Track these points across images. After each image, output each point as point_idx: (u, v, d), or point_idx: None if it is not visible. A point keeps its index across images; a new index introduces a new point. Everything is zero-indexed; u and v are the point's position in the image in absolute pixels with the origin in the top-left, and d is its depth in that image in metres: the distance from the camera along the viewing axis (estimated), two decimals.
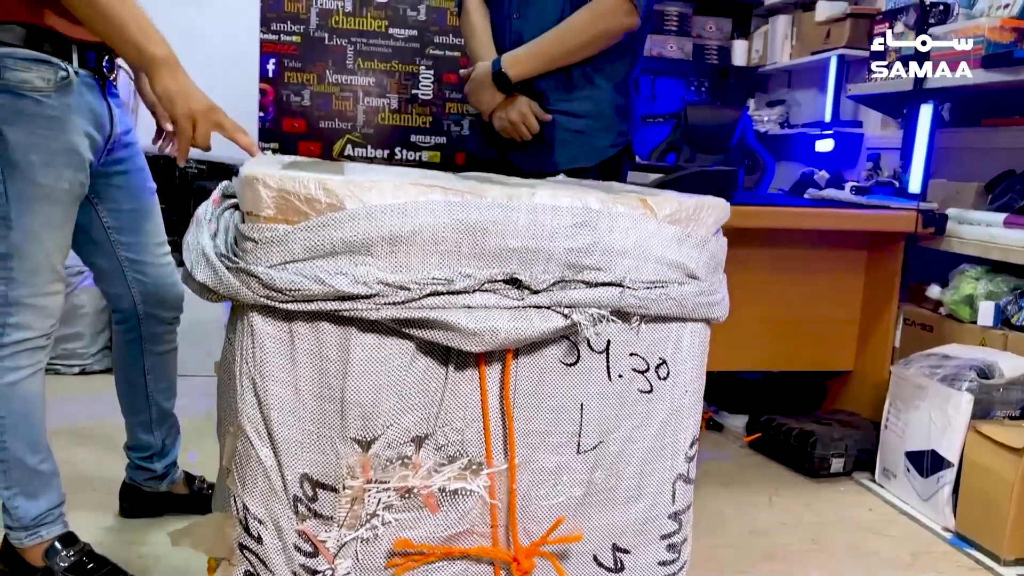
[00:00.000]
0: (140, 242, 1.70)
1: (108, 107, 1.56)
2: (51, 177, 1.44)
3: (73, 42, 1.46)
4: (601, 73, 1.95)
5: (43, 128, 1.42)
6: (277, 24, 3.80)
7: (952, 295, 2.50)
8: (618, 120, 1.98)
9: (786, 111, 3.95)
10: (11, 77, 1.39)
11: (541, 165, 1.98)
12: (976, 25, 2.47)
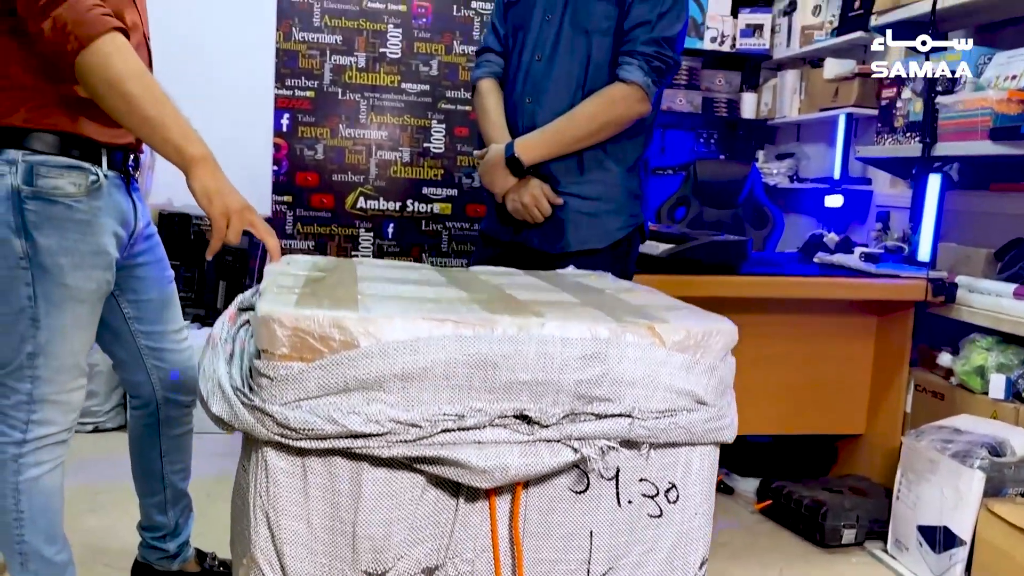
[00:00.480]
0: (159, 331, 1.73)
1: (133, 203, 1.59)
2: (80, 278, 1.47)
3: (103, 145, 1.49)
4: (612, 157, 1.98)
5: (73, 232, 1.45)
6: (291, 80, 3.86)
7: (963, 365, 2.50)
8: (629, 202, 2.00)
9: (795, 164, 3.97)
10: (43, 184, 1.42)
11: (553, 246, 2.00)
12: (983, 97, 2.49)
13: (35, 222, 1.42)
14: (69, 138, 1.44)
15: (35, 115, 1.41)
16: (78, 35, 1.32)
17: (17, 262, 1.43)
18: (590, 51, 1.95)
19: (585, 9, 1.94)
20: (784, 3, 3.95)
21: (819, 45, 3.68)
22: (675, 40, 1.93)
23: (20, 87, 1.40)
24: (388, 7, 3.92)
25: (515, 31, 2.06)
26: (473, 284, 1.31)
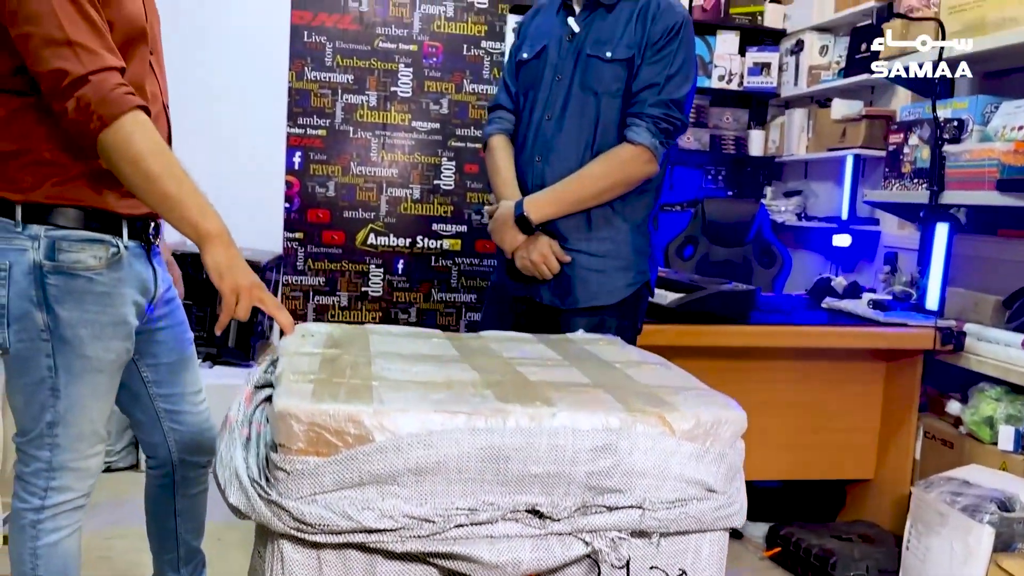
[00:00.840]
0: (177, 393, 1.74)
1: (153, 270, 1.62)
2: (100, 349, 1.49)
3: (123, 217, 1.52)
4: (620, 215, 2.00)
5: (94, 304, 1.47)
6: (303, 118, 3.92)
7: (972, 415, 2.50)
8: (637, 259, 2.02)
9: (803, 202, 3.98)
10: (65, 259, 1.44)
11: (562, 301, 2.02)
12: (990, 148, 2.51)
13: (56, 296, 1.44)
14: (91, 212, 1.47)
15: (58, 190, 1.44)
16: (101, 114, 1.35)
17: (38, 334, 1.45)
18: (599, 111, 1.97)
19: (595, 71, 1.97)
20: (791, 43, 3.98)
21: (826, 85, 3.71)
22: (683, 102, 1.96)
23: (44, 162, 1.43)
24: (399, 47, 3.97)
25: (526, 90, 2.09)
26: (484, 360, 1.33)
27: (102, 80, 1.35)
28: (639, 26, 1.96)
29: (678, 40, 1.94)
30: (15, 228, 1.43)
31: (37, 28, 1.33)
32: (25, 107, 1.42)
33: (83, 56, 1.34)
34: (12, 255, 1.43)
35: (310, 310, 4.02)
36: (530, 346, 1.50)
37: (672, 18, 1.95)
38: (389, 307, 4.08)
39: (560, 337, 1.63)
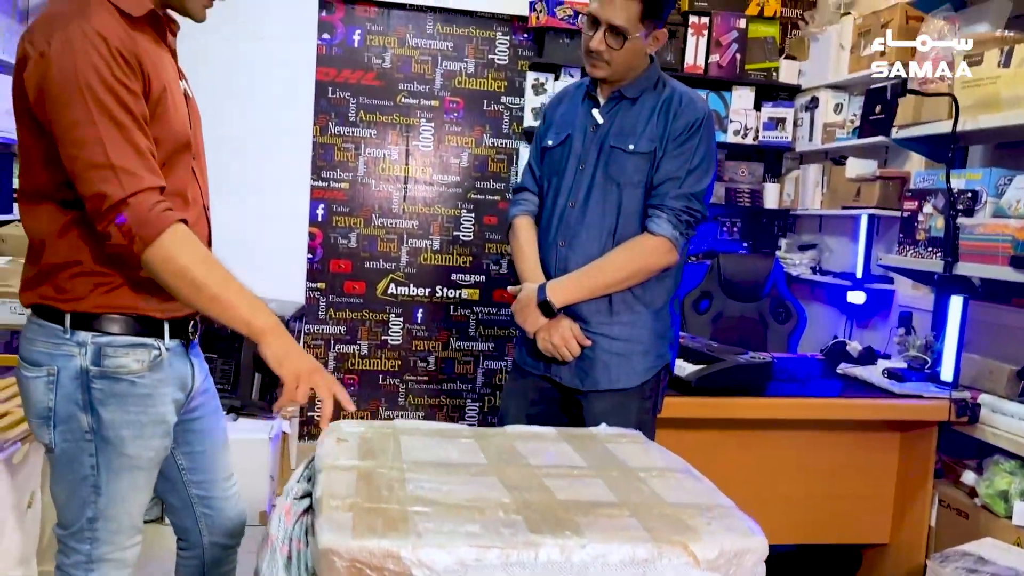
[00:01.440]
0: (210, 480, 1.80)
1: (191, 365, 1.68)
2: (140, 447, 1.55)
3: (165, 320, 1.58)
4: (641, 300, 2.05)
5: (135, 406, 1.53)
6: (327, 172, 4.00)
7: (986, 487, 2.53)
8: (657, 343, 2.08)
9: (818, 256, 4.03)
10: (110, 364, 1.50)
11: (582, 383, 2.08)
12: (1004, 224, 2.55)
13: (101, 399, 1.50)
14: (135, 318, 1.53)
15: (104, 299, 1.50)
16: (142, 235, 1.40)
17: (82, 435, 1.51)
18: (621, 201, 2.03)
19: (617, 162, 2.03)
20: (806, 99, 4.05)
21: (841, 144, 3.77)
22: (703, 194, 2.02)
23: (91, 272, 1.50)
24: (421, 103, 4.06)
25: (550, 175, 2.16)
26: (512, 471, 1.38)
27: (141, 202, 1.40)
28: (661, 120, 2.02)
29: (699, 135, 2.00)
30: (64, 335, 1.49)
31: (82, 152, 1.39)
32: (75, 221, 1.48)
33: (124, 179, 1.40)
34: (60, 360, 1.49)
35: (331, 358, 4.08)
36: (554, 447, 1.55)
37: (694, 114, 2.01)
38: (408, 355, 4.14)
39: (583, 433, 1.68)
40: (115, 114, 1.40)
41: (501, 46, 4.08)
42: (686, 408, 2.43)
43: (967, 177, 2.86)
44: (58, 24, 1.40)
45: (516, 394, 2.23)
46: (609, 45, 1.97)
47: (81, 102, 1.38)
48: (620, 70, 2.03)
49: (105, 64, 1.40)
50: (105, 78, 1.40)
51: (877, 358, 2.99)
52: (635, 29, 1.96)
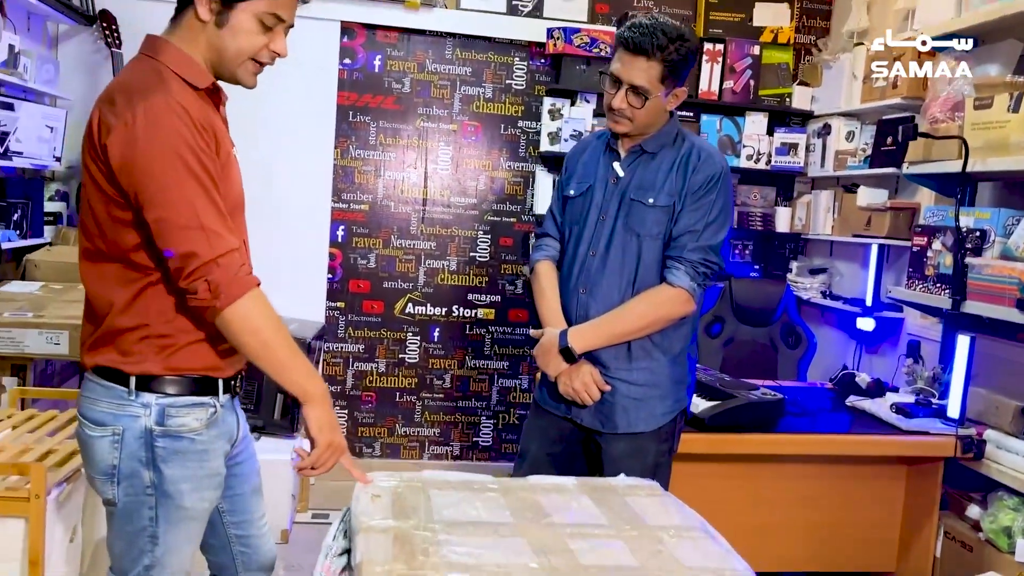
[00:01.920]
0: (247, 520, 1.89)
1: (236, 416, 1.76)
2: (196, 500, 1.64)
3: (220, 379, 1.66)
4: (659, 347, 2.13)
5: (193, 461, 1.62)
6: (347, 194, 4.09)
7: (990, 523, 2.60)
8: (674, 389, 2.16)
9: (828, 280, 4.09)
10: (172, 423, 1.59)
11: (601, 426, 2.16)
12: (1011, 268, 2.61)
13: (163, 456, 1.59)
14: (195, 379, 1.62)
15: (169, 362, 1.58)
16: (228, 294, 1.49)
17: (143, 490, 1.60)
18: (640, 251, 2.11)
19: (638, 215, 2.11)
20: (818, 125, 4.11)
21: (852, 172, 3.83)
22: (720, 246, 2.09)
23: (158, 336, 1.58)
24: (439, 127, 4.14)
25: (572, 224, 2.23)
26: (538, 531, 1.46)
27: (229, 262, 1.49)
28: (680, 174, 2.09)
29: (716, 190, 2.08)
30: (129, 396, 1.57)
31: (172, 213, 1.47)
32: (146, 287, 1.56)
33: (213, 240, 1.49)
34: (125, 421, 1.58)
35: (349, 376, 4.17)
36: (576, 503, 1.64)
37: (712, 169, 2.08)
38: (425, 373, 4.23)
39: (603, 485, 1.76)
40: (201, 178, 1.50)
41: (518, 71, 4.16)
42: (700, 444, 2.51)
43: (976, 216, 2.92)
44: (140, 96, 1.49)
45: (537, 433, 2.31)
46: (630, 104, 2.04)
47: (171, 168, 1.47)
48: (641, 126, 2.10)
49: (189, 132, 1.49)
50: (191, 144, 1.49)
51: (886, 390, 3.06)
52: (656, 89, 2.03)
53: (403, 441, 4.25)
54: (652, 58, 2.00)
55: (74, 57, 3.77)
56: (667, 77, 2.03)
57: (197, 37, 1.61)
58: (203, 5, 1.58)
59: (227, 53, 1.62)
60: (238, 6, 1.60)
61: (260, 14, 1.62)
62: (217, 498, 1.72)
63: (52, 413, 2.38)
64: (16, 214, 3.31)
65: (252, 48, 1.64)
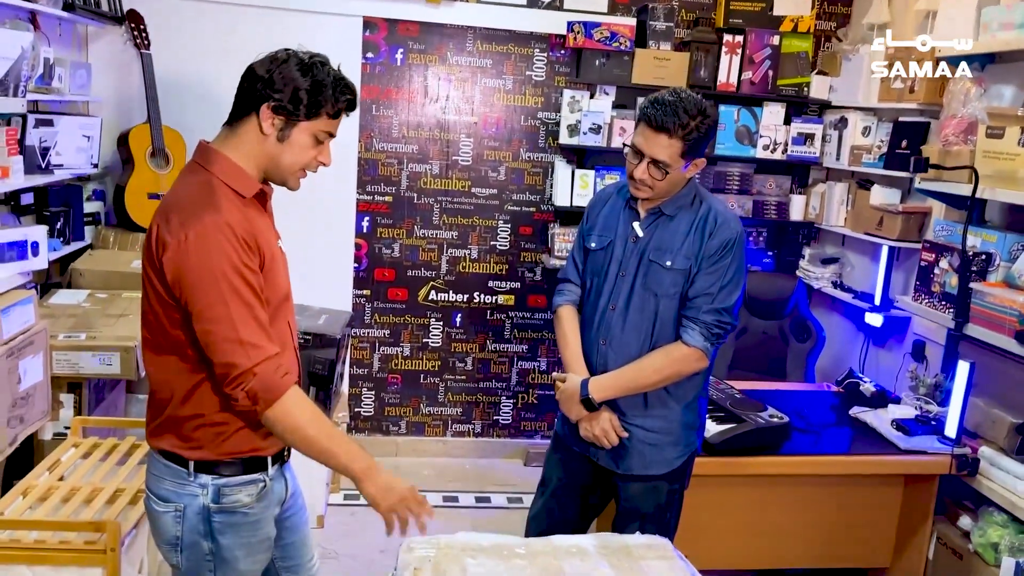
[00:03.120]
0: (298, 563, 2.10)
1: (285, 480, 1.94)
2: (250, 563, 1.85)
3: (269, 456, 1.84)
4: (673, 397, 2.30)
5: (247, 531, 1.82)
6: (371, 186, 4.21)
7: (979, 536, 2.80)
8: (686, 434, 2.33)
9: (839, 270, 4.20)
10: (227, 501, 1.78)
11: (617, 467, 2.34)
12: (1012, 299, 2.73)
13: (219, 529, 1.79)
14: (246, 460, 1.80)
15: (223, 447, 1.76)
16: (265, 399, 1.65)
17: (203, 557, 1.80)
18: (658, 309, 2.25)
19: (656, 276, 2.24)
20: (835, 117, 4.15)
21: (866, 169, 3.90)
22: (733, 307, 2.23)
23: (212, 424, 1.75)
24: (461, 118, 4.22)
25: (593, 274, 2.37)
26: None
27: (264, 370, 1.65)
28: (697, 237, 2.22)
29: (731, 254, 2.20)
30: (188, 477, 1.77)
31: (216, 327, 1.64)
32: (202, 380, 1.73)
33: (251, 352, 1.64)
34: (186, 499, 1.77)
35: (376, 359, 4.37)
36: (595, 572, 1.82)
37: (727, 234, 2.20)
38: (447, 357, 4.42)
39: (619, 548, 1.95)
40: (243, 295, 1.65)
41: (538, 63, 4.20)
42: (712, 467, 2.69)
43: (983, 237, 3.03)
44: (193, 216, 1.65)
45: (558, 464, 2.50)
46: (652, 175, 2.15)
47: (215, 286, 1.63)
48: (661, 194, 2.22)
49: (234, 251, 1.64)
50: (235, 264, 1.64)
51: (888, 401, 3.22)
52: (677, 164, 2.14)
53: (428, 420, 4.47)
54: (674, 136, 2.10)
55: (105, 57, 3.83)
56: (687, 153, 2.13)
57: (255, 148, 1.76)
58: (267, 120, 1.73)
59: (283, 163, 1.77)
60: (300, 125, 1.75)
61: (316, 132, 1.77)
62: (268, 558, 1.92)
63: (113, 442, 2.58)
64: (59, 223, 3.45)
65: (305, 161, 1.80)
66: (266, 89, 1.71)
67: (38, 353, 2.71)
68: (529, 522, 2.56)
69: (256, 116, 1.73)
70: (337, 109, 1.77)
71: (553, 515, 2.50)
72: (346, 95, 1.78)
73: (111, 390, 3.22)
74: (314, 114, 1.74)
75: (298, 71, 1.72)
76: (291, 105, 1.72)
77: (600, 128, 4.11)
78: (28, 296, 2.68)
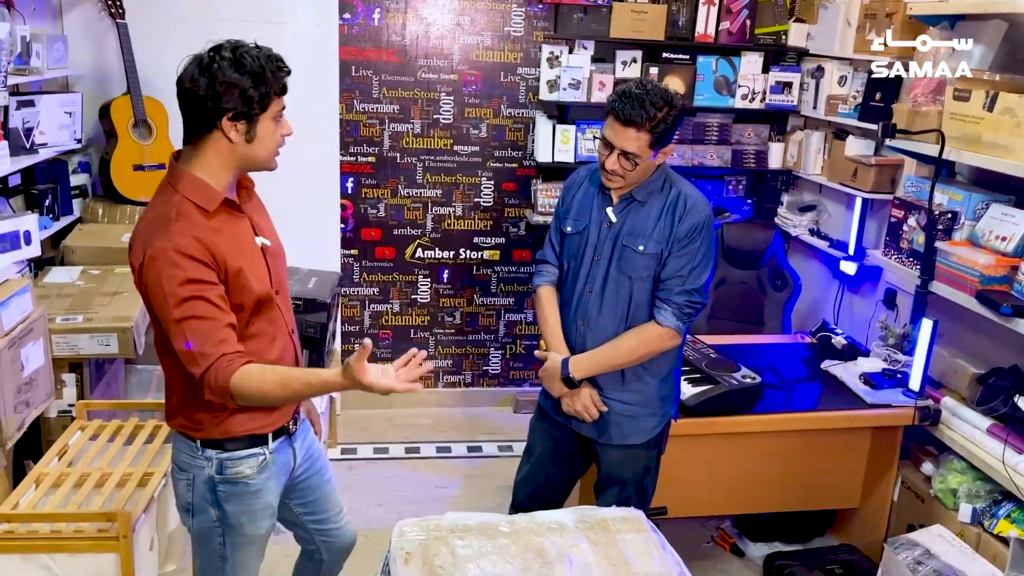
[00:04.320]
0: (325, 517, 2.30)
1: (293, 450, 2.11)
2: (254, 529, 2.04)
3: (268, 433, 2.00)
4: (649, 371, 2.43)
5: (249, 500, 2.00)
6: (355, 147, 4.26)
7: (940, 482, 2.97)
8: (662, 405, 2.47)
9: (816, 217, 4.29)
10: (230, 472, 1.96)
11: (597, 437, 2.48)
12: (974, 260, 2.84)
13: (224, 497, 1.98)
14: (245, 437, 1.97)
15: (221, 427, 1.93)
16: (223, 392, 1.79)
17: (212, 522, 2.01)
18: (632, 292, 2.36)
19: (629, 260, 2.34)
20: (812, 66, 4.18)
21: (842, 120, 3.95)
22: (703, 287, 2.34)
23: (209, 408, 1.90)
24: (440, 77, 4.23)
25: (570, 257, 2.47)
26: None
27: (213, 370, 1.78)
28: (668, 222, 2.31)
29: (700, 237, 2.31)
30: (197, 451, 1.96)
31: (174, 341, 1.79)
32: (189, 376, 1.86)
33: (201, 360, 1.77)
34: (196, 469, 1.97)
35: (366, 316, 4.49)
36: (574, 548, 1.97)
37: (696, 218, 2.30)
38: (436, 312, 4.54)
39: (596, 522, 2.09)
40: (194, 309, 1.77)
41: (516, 19, 4.19)
42: (688, 427, 2.85)
43: (949, 195, 3.12)
44: (147, 241, 1.77)
45: (541, 434, 2.64)
46: (622, 165, 2.24)
47: (166, 305, 1.76)
48: (632, 183, 2.30)
49: (182, 271, 1.75)
50: (184, 283, 1.75)
51: (859, 353, 3.37)
52: (646, 154, 2.22)
53: None
54: (641, 129, 2.18)
55: (80, 28, 3.81)
56: (655, 143, 2.21)
57: (227, 157, 1.85)
58: (231, 131, 1.82)
59: (259, 157, 1.89)
60: (260, 118, 1.84)
61: (274, 115, 1.87)
62: (272, 526, 2.11)
63: (117, 423, 2.71)
64: (47, 200, 3.51)
65: (275, 144, 1.92)
66: (215, 104, 1.77)
67: (38, 339, 2.82)
68: (516, 485, 2.72)
69: (218, 130, 1.81)
70: (282, 86, 1.85)
71: (538, 479, 2.66)
72: (282, 70, 1.85)
73: (111, 363, 3.34)
74: (266, 103, 1.82)
75: (233, 71, 1.76)
76: (246, 107, 1.79)
77: (579, 83, 4.14)
78: (25, 285, 2.77)
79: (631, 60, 4.22)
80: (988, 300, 2.76)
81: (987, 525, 2.80)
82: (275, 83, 1.82)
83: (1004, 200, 2.97)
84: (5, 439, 2.59)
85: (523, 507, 2.58)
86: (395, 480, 3.89)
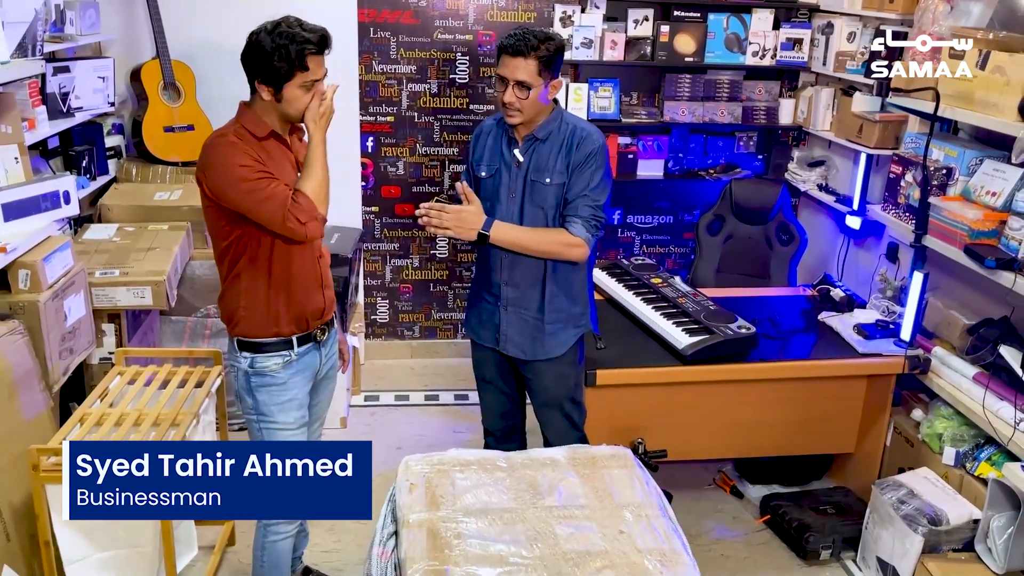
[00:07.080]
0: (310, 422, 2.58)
1: (320, 355, 2.44)
2: (284, 416, 2.37)
3: (293, 337, 2.34)
4: (563, 292, 2.68)
5: (276, 391, 2.35)
6: (374, 107, 4.42)
7: (927, 427, 3.12)
8: (576, 318, 2.73)
9: (825, 172, 4.37)
10: (259, 366, 2.32)
11: (525, 355, 2.72)
12: (963, 214, 2.94)
13: (256, 387, 2.34)
14: (272, 341, 2.32)
15: (252, 328, 2.32)
16: (301, 219, 2.20)
17: (249, 408, 2.38)
18: (547, 223, 2.61)
19: (540, 192, 2.59)
20: (823, 22, 4.23)
21: (850, 76, 4.02)
22: (604, 205, 2.60)
23: (244, 309, 2.29)
24: (456, 37, 4.36)
25: (486, 199, 2.65)
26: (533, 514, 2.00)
27: (292, 208, 2.18)
28: (566, 152, 2.57)
29: (595, 162, 2.57)
30: (236, 348, 2.35)
31: (256, 208, 2.17)
32: (233, 278, 2.30)
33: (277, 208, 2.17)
34: (236, 363, 2.34)
35: (388, 271, 4.68)
36: (564, 481, 2.16)
37: (590, 146, 2.57)
38: (454, 266, 4.72)
39: (586, 459, 2.27)
40: (256, 171, 2.17)
41: None
42: (685, 375, 3.02)
43: (945, 152, 3.21)
44: (211, 144, 2.24)
45: (480, 364, 2.88)
46: (518, 96, 2.49)
47: (234, 184, 2.16)
48: (530, 114, 2.54)
49: (234, 154, 2.17)
50: (241, 154, 2.17)
51: (855, 306, 3.49)
52: (536, 82, 2.48)
53: (439, 324, 4.81)
54: (528, 56, 2.45)
55: None
56: (543, 70, 2.48)
57: (268, 108, 2.27)
58: (263, 91, 2.22)
59: (291, 113, 2.28)
60: (286, 85, 2.20)
61: (301, 84, 2.20)
62: (303, 416, 2.42)
63: (153, 368, 2.94)
64: (84, 160, 3.72)
65: (304, 105, 2.25)
66: (250, 68, 2.21)
67: (79, 292, 3.05)
68: (483, 416, 3.00)
69: (257, 87, 2.22)
70: (303, 61, 2.16)
71: (491, 405, 2.94)
72: (307, 44, 2.16)
73: (147, 314, 3.57)
74: (289, 74, 2.17)
75: (269, 42, 2.14)
76: (271, 74, 2.17)
77: (592, 42, 4.24)
78: (66, 241, 2.98)
79: (643, 18, 4.30)
80: (974, 253, 2.87)
81: (969, 467, 2.95)
82: (298, 59, 2.15)
83: (997, 156, 3.06)
84: (52, 383, 2.83)
85: (495, 429, 2.93)
86: (414, 425, 4.11)
